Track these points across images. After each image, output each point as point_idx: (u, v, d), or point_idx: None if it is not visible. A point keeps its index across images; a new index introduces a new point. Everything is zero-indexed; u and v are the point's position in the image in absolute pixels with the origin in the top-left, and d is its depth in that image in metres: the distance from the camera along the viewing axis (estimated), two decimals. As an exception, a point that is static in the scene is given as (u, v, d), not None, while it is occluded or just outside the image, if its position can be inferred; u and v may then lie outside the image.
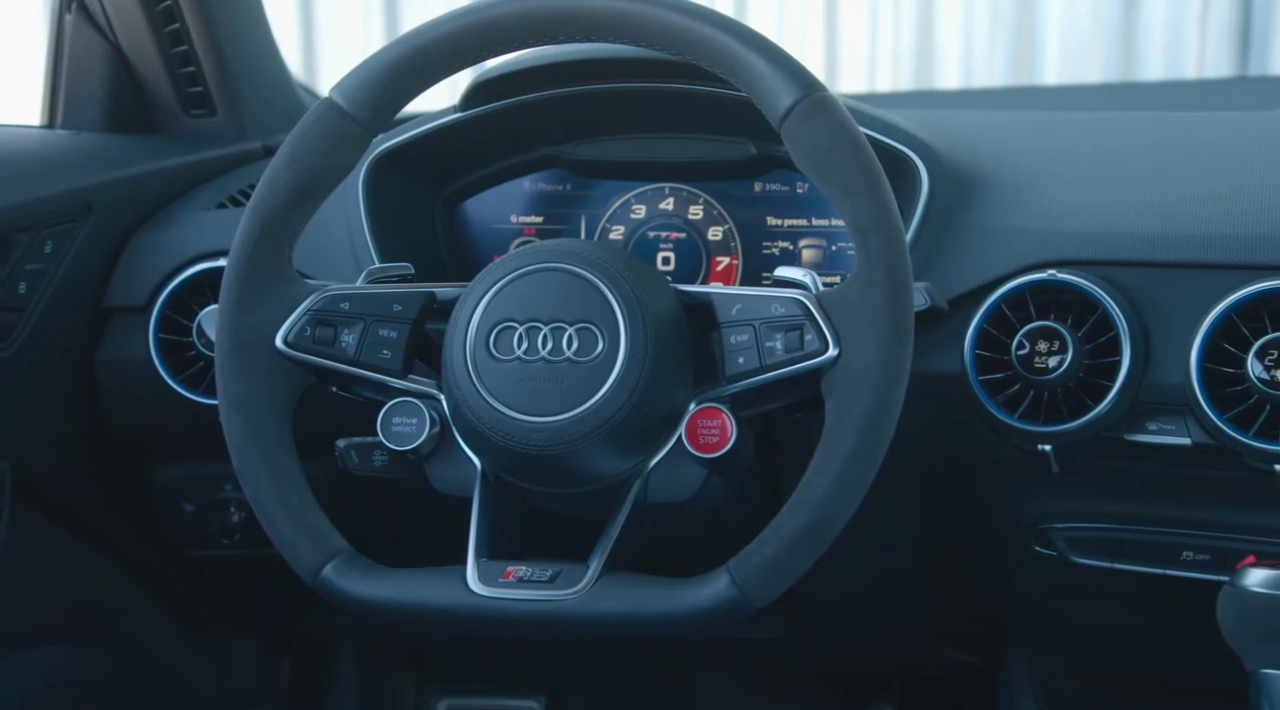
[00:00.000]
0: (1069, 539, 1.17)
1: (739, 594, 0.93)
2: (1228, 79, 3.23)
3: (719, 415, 0.99)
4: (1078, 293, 1.08)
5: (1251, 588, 0.97)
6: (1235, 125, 1.30)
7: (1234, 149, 1.23)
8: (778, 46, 0.99)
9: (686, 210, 1.29)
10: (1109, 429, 1.07)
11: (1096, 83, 3.37)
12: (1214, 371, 1.03)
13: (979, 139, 1.26)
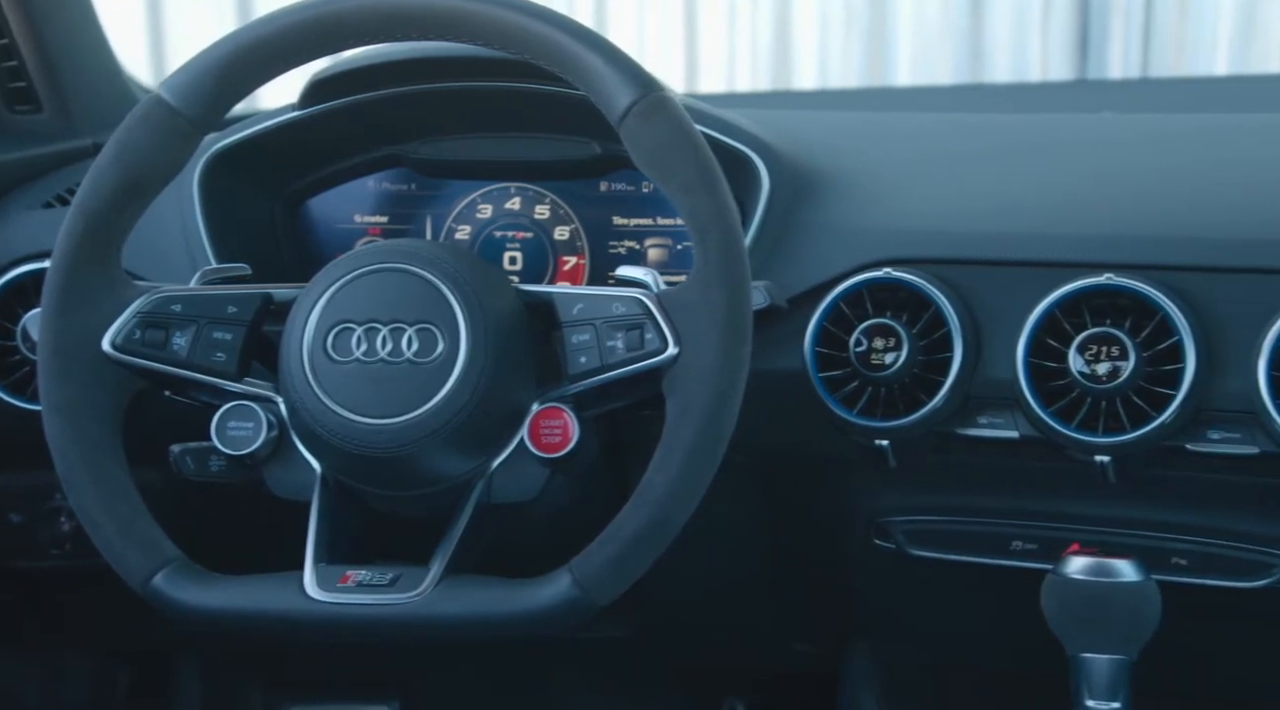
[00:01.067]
0: (906, 532, 1.20)
1: (580, 593, 0.93)
2: (1068, 82, 3.34)
3: (561, 415, 1.00)
4: (912, 291, 1.11)
5: (1071, 575, 1.01)
6: (1072, 127, 1.35)
7: (1068, 151, 1.27)
8: (616, 46, 0.99)
9: (533, 210, 1.29)
10: (943, 424, 1.10)
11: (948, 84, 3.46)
12: (1039, 366, 1.07)
13: (821, 139, 1.28)
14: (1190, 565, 1.11)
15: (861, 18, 3.50)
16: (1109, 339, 1.05)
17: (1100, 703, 1.00)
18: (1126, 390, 1.04)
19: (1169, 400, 1.03)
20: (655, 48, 3.55)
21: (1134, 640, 1.01)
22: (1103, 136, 1.31)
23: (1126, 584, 1.00)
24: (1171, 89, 2.88)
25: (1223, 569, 1.11)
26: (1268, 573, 1.10)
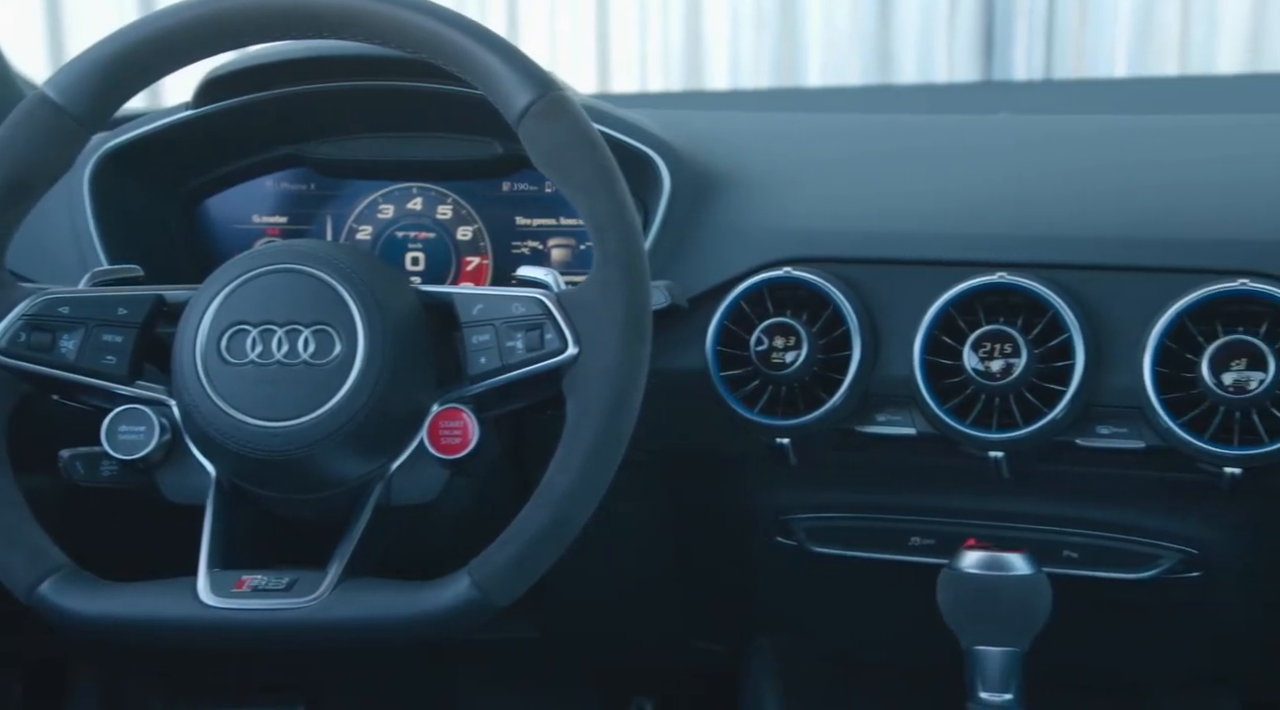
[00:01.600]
0: (807, 529, 1.21)
1: (480, 594, 0.93)
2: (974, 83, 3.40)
3: (460, 416, 0.99)
4: (812, 290, 1.12)
5: (966, 569, 1.03)
6: (971, 128, 1.37)
7: (966, 151, 1.29)
8: (514, 46, 0.99)
9: (435, 210, 1.28)
10: (842, 422, 1.11)
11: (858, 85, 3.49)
12: (936, 364, 1.08)
13: (725, 139, 1.29)
14: (1081, 558, 1.14)
15: (772, 19, 3.52)
16: (1002, 336, 1.07)
17: (993, 694, 1.02)
18: (1019, 387, 1.06)
19: (1059, 396, 1.05)
20: (567, 48, 3.55)
21: (1025, 632, 1.03)
22: (999, 137, 1.33)
23: (1018, 577, 1.02)
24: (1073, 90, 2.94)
25: (1112, 561, 1.14)
26: (1154, 564, 1.13)
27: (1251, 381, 1.01)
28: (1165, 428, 1.03)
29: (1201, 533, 1.12)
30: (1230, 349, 1.01)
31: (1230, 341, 1.02)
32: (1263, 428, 1.01)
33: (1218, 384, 1.01)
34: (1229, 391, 1.01)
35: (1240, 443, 1.01)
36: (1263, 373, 1.00)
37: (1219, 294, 1.03)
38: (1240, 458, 1.01)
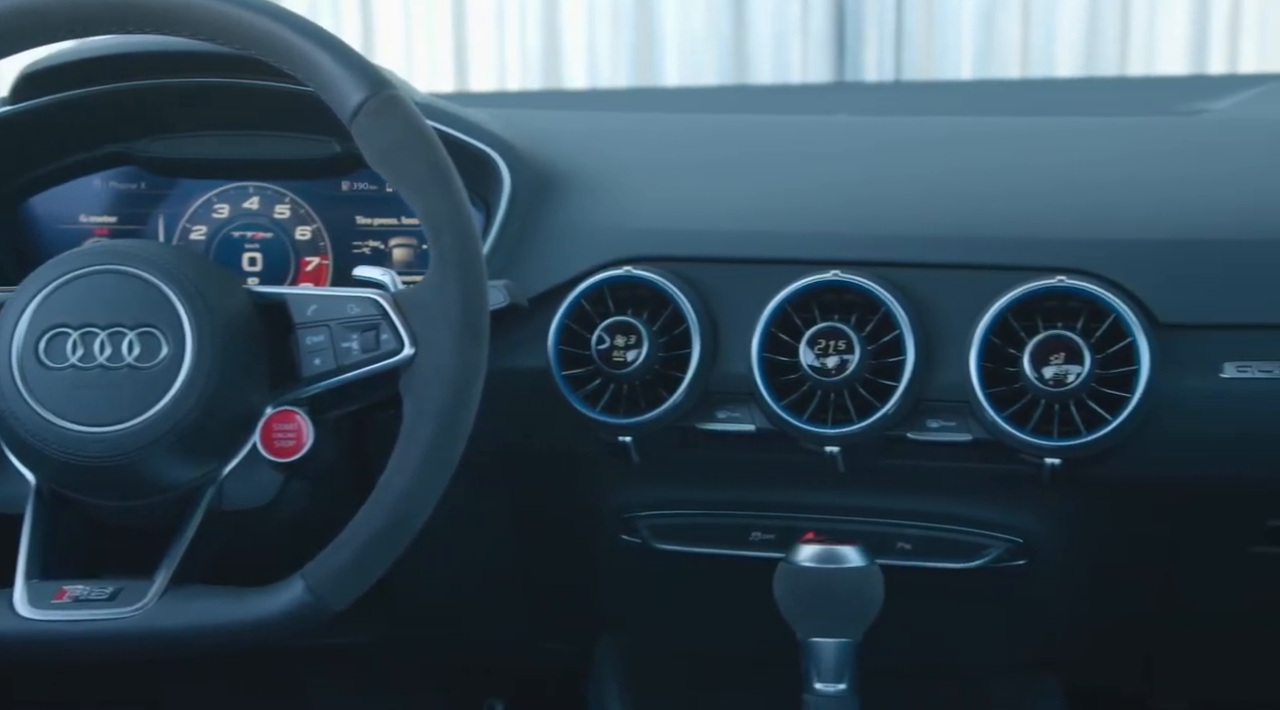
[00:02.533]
0: (651, 526, 1.22)
1: (313, 599, 0.92)
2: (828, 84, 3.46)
3: (294, 418, 0.98)
4: (652, 288, 1.13)
5: (800, 563, 1.05)
6: (812, 129, 1.39)
7: (806, 151, 1.32)
8: (345, 44, 0.98)
9: (272, 209, 1.26)
10: (683, 419, 1.12)
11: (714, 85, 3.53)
12: (773, 361, 1.10)
13: (569, 139, 1.29)
14: (914, 549, 1.17)
15: (628, 19, 3.54)
16: (837, 333, 1.09)
17: (828, 684, 1.04)
18: (853, 383, 1.08)
19: (892, 392, 1.08)
20: (423, 48, 3.52)
21: (859, 623, 1.05)
22: (837, 138, 1.36)
23: (851, 569, 1.04)
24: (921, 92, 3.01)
25: (943, 551, 1.17)
26: (982, 553, 1.16)
27: (1070, 375, 1.04)
28: (990, 421, 1.06)
29: (1026, 522, 1.16)
30: (1050, 344, 1.05)
31: (1049, 337, 1.05)
32: (1080, 419, 1.05)
33: (1038, 378, 1.05)
34: (1049, 385, 1.05)
35: (1059, 434, 1.05)
36: (1080, 366, 1.04)
37: (1039, 291, 1.07)
38: (1059, 449, 1.05)
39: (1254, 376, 1.05)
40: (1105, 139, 1.30)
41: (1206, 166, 1.21)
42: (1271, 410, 1.04)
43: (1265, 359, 1.05)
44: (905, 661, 1.25)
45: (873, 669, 1.08)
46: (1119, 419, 1.04)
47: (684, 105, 2.54)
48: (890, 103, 2.54)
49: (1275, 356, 1.04)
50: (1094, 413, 1.05)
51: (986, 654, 1.30)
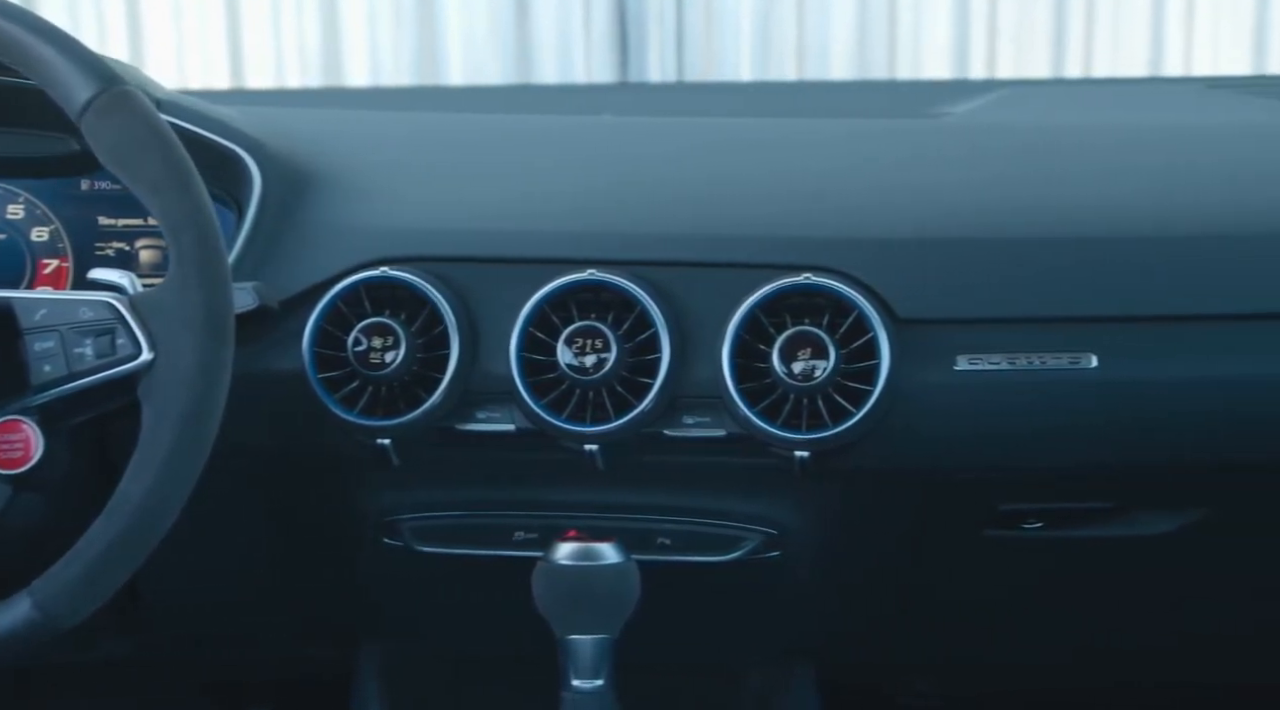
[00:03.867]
0: (413, 529, 1.21)
1: (41, 615, 0.89)
2: (612, 84, 3.49)
3: (21, 428, 0.94)
4: (409, 289, 1.12)
5: (558, 561, 1.05)
6: (576, 128, 1.40)
7: (568, 152, 1.32)
8: (73, 39, 0.95)
9: (5, 209, 1.20)
10: (443, 420, 1.12)
11: (498, 85, 3.52)
12: (532, 360, 1.10)
13: (324, 138, 1.27)
14: (674, 544, 1.18)
15: (409, 17, 3.50)
16: (594, 332, 1.10)
17: (585, 681, 1.05)
18: (611, 381, 1.10)
19: (649, 389, 1.09)
20: (195, 44, 3.40)
21: (616, 619, 1.07)
22: (599, 138, 1.37)
23: (607, 566, 1.05)
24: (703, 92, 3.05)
25: (701, 545, 1.19)
26: (739, 546, 1.19)
27: (817, 370, 1.08)
28: (743, 416, 1.09)
29: (780, 515, 1.19)
30: (797, 340, 1.08)
31: (797, 333, 1.08)
32: (826, 412, 1.08)
33: (787, 373, 1.08)
34: (797, 380, 1.08)
35: (807, 427, 1.08)
36: (825, 361, 1.08)
37: (787, 288, 1.10)
38: (807, 441, 1.08)
39: (984, 369, 1.10)
40: (853, 141, 1.35)
41: (943, 169, 1.27)
42: (1000, 400, 1.10)
43: (994, 352, 1.10)
44: (666, 655, 1.27)
45: (633, 664, 1.09)
46: (862, 411, 1.07)
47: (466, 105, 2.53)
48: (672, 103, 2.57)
49: (1003, 349, 1.10)
50: (839, 406, 1.08)
51: (744, 645, 1.33)
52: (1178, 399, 1.10)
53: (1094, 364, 1.09)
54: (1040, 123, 1.45)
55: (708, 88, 3.29)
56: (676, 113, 1.63)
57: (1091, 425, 1.11)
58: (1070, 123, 1.44)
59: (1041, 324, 1.10)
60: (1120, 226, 1.14)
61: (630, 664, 1.08)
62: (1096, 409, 1.10)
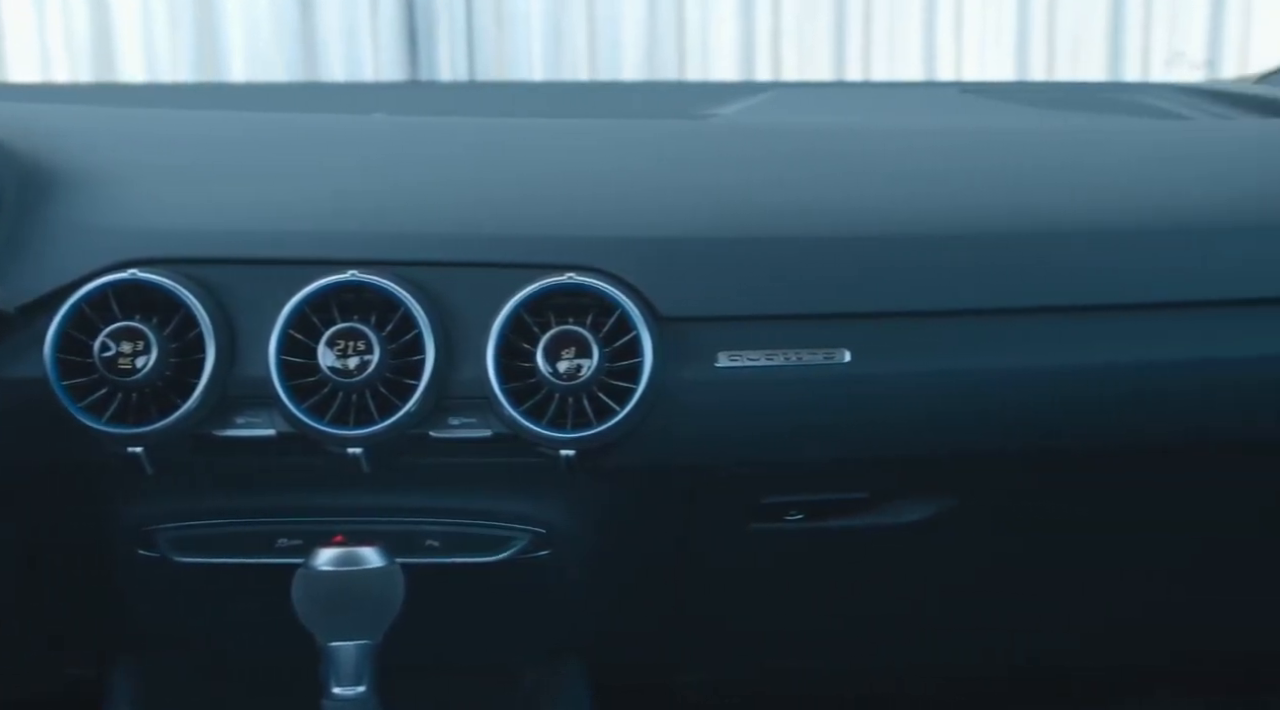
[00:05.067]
0: (171, 539, 1.17)
1: None
2: (402, 82, 3.44)
3: None
4: (161, 292, 1.08)
5: (318, 567, 1.03)
6: (342, 128, 1.37)
7: (332, 151, 1.30)
8: None
9: None
10: (199, 426, 1.08)
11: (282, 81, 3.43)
12: (292, 363, 1.08)
13: (71, 136, 1.22)
14: (442, 546, 1.18)
15: (186, 11, 3.39)
16: (356, 334, 1.08)
17: (346, 689, 1.03)
18: (374, 383, 1.08)
19: (414, 390, 1.08)
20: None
21: (378, 623, 1.05)
22: (366, 137, 1.34)
23: (368, 571, 1.04)
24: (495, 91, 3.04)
25: (470, 546, 1.18)
26: (508, 546, 1.19)
27: (581, 369, 1.08)
28: (508, 416, 1.08)
29: (548, 514, 1.19)
30: (562, 339, 1.08)
31: (561, 332, 1.09)
32: (591, 411, 1.09)
33: (552, 372, 1.08)
34: (562, 379, 1.08)
35: (573, 426, 1.09)
36: (590, 360, 1.08)
37: (551, 287, 1.10)
38: (573, 440, 1.08)
39: (744, 365, 1.12)
40: (624, 142, 1.36)
41: (709, 169, 1.29)
42: (760, 396, 1.12)
43: (753, 348, 1.12)
44: (437, 656, 1.26)
45: (403, 667, 1.08)
46: (626, 409, 1.08)
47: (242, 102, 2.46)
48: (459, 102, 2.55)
49: (762, 346, 1.12)
50: (604, 404, 1.09)
51: (516, 645, 1.33)
52: (926, 392, 1.14)
53: (847, 359, 1.13)
54: (805, 125, 1.48)
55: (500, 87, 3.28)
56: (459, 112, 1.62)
57: (846, 418, 1.14)
58: (831, 125, 1.48)
59: (798, 320, 1.13)
60: (874, 226, 1.18)
61: (400, 666, 1.07)
62: (850, 402, 1.13)
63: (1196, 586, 1.41)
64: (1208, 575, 1.40)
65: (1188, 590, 1.42)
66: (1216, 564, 1.39)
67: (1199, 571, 1.39)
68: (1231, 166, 1.31)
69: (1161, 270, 1.17)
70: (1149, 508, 1.30)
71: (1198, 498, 1.30)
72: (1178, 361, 1.17)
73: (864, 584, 1.35)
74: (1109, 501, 1.28)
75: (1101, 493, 1.27)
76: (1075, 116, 1.64)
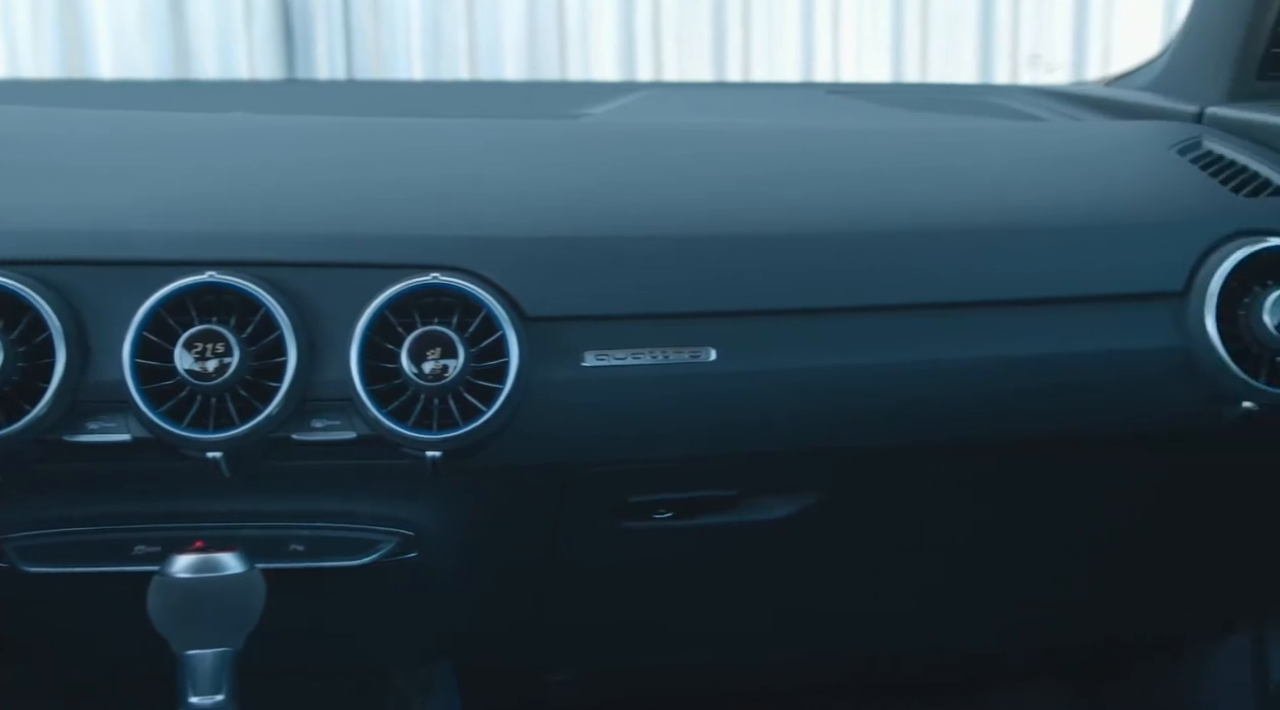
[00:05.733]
0: (19, 548, 1.13)
1: None
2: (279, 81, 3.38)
3: None
4: (6, 294, 1.05)
5: (174, 574, 1.01)
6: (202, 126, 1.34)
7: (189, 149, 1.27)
8: None
9: None
10: (49, 432, 1.05)
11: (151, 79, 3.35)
12: (148, 366, 1.05)
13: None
14: (307, 550, 1.15)
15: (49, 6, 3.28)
16: (215, 336, 1.05)
17: (203, 698, 1.01)
18: (234, 385, 1.06)
19: (275, 393, 1.06)
20: None
21: (238, 630, 1.03)
22: (225, 136, 1.32)
23: (226, 577, 1.02)
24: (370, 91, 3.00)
25: (336, 550, 1.16)
26: (375, 549, 1.17)
27: (447, 369, 1.07)
28: (372, 417, 1.07)
29: (416, 515, 1.18)
30: (427, 339, 1.07)
31: (426, 332, 1.07)
32: (457, 412, 1.08)
33: (417, 373, 1.07)
34: (427, 380, 1.07)
35: (439, 427, 1.08)
36: (455, 360, 1.07)
37: (415, 288, 1.09)
38: (439, 441, 1.07)
39: (611, 364, 1.12)
40: (494, 142, 1.35)
41: (577, 169, 1.29)
42: (627, 395, 1.12)
43: (620, 347, 1.12)
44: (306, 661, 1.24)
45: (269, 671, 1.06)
46: (492, 410, 1.08)
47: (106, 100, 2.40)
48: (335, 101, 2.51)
49: (628, 345, 1.12)
50: (471, 405, 1.08)
51: (386, 647, 1.32)
52: (791, 389, 1.15)
53: (713, 357, 1.13)
54: (671, 125, 1.49)
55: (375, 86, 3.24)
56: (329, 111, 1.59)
57: (713, 416, 1.15)
58: (696, 125, 1.49)
59: (664, 320, 1.14)
60: (739, 225, 1.19)
61: (266, 671, 1.05)
62: (717, 400, 1.14)
63: (1055, 577, 1.45)
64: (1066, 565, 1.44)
65: (1047, 580, 1.45)
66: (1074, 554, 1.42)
67: (1058, 561, 1.43)
68: (1080, 167, 1.35)
69: (1017, 268, 1.20)
70: (1009, 500, 1.33)
71: (1059, 489, 1.33)
72: (1037, 357, 1.20)
73: (734, 580, 1.36)
74: (970, 494, 1.31)
75: (963, 485, 1.30)
76: (935, 118, 1.68)
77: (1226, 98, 1.48)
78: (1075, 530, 1.38)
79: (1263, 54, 1.45)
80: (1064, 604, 1.49)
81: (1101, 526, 1.38)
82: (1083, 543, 1.40)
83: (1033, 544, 1.39)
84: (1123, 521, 1.38)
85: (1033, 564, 1.42)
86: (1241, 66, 1.46)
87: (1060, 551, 1.41)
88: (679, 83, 3.12)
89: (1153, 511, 1.37)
